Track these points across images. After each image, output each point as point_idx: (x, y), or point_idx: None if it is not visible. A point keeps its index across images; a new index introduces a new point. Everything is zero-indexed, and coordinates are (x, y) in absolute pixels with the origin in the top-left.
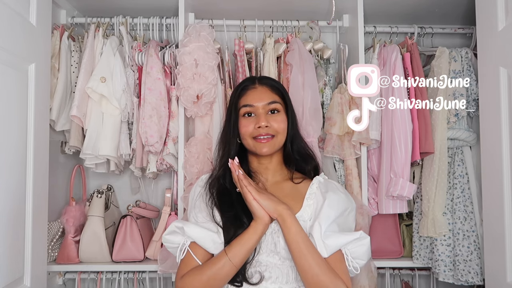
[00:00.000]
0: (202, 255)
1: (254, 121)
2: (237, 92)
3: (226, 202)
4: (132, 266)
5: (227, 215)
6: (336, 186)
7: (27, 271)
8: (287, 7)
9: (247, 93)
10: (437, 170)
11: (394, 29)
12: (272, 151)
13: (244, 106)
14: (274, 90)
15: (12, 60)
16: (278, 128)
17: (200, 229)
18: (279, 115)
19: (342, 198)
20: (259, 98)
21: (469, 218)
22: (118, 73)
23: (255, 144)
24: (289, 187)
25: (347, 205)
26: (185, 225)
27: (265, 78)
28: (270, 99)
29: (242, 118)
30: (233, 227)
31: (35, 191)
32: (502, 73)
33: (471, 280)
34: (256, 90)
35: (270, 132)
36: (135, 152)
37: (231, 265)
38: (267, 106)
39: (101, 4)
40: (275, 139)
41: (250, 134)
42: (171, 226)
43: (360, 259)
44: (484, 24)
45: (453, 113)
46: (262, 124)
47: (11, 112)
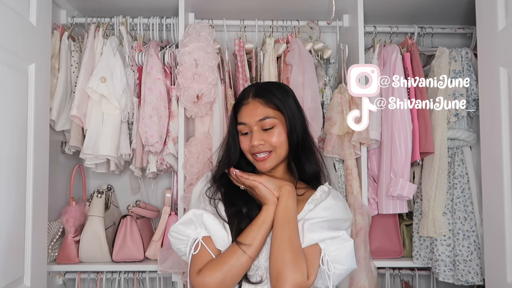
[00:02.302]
0: (214, 250)
1: (249, 138)
2: (234, 107)
3: (231, 197)
4: (132, 266)
5: (230, 211)
6: (338, 195)
7: (27, 271)
8: (287, 7)
9: (241, 109)
10: (437, 170)
11: (394, 29)
12: (274, 165)
13: (239, 124)
14: (268, 103)
15: (12, 60)
16: (276, 143)
17: (218, 222)
18: (274, 130)
19: (340, 205)
20: (250, 114)
21: (469, 218)
22: (118, 73)
23: (255, 161)
24: None
25: (342, 214)
26: (205, 213)
27: (261, 91)
28: (262, 115)
29: (241, 135)
30: (236, 220)
31: (35, 191)
32: (502, 73)
33: (471, 280)
34: (249, 106)
35: (266, 149)
36: (135, 152)
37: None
38: (260, 123)
39: (101, 4)
40: (274, 154)
41: (248, 150)
42: (188, 214)
43: (340, 263)
44: (484, 24)
45: (453, 113)
46: (255, 144)
47: (11, 112)
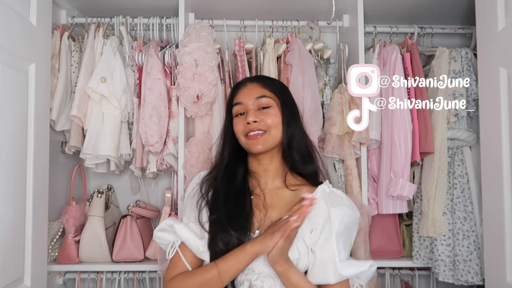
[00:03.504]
0: (191, 258)
1: (244, 118)
2: (230, 93)
3: (215, 203)
4: (132, 266)
5: (212, 219)
6: (341, 198)
7: (27, 271)
8: (287, 7)
9: (238, 92)
10: (437, 170)
11: (394, 29)
12: (266, 147)
13: (235, 105)
14: (266, 85)
15: (12, 60)
16: (271, 123)
17: (189, 231)
18: (271, 109)
19: (347, 212)
20: (248, 94)
21: (469, 218)
22: (118, 73)
23: (247, 142)
24: (289, 194)
25: (352, 219)
26: (176, 224)
27: (259, 76)
28: (259, 93)
29: (235, 117)
30: (215, 230)
31: (35, 191)
32: (502, 73)
33: (471, 280)
34: (246, 87)
35: (261, 127)
36: (135, 152)
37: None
38: (257, 102)
39: (101, 4)
40: (268, 134)
41: (242, 131)
42: (162, 224)
43: (361, 280)
44: (484, 24)
45: (453, 113)
46: (250, 120)
47: (11, 112)
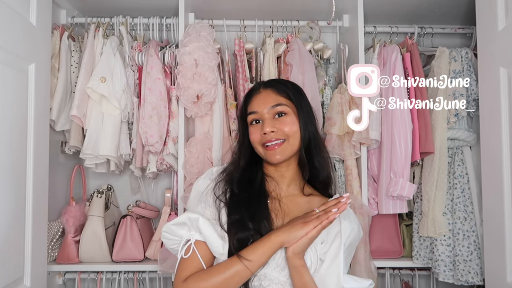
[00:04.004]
0: (207, 257)
1: (261, 127)
2: (244, 100)
3: (235, 204)
4: (132, 266)
5: (234, 219)
6: (352, 215)
7: (27, 271)
8: (287, 7)
9: (252, 100)
10: (437, 170)
11: (394, 29)
12: (285, 157)
13: (250, 114)
14: (281, 92)
15: (12, 60)
16: (289, 131)
17: (213, 229)
18: (287, 117)
19: (354, 229)
20: (262, 102)
21: (469, 218)
22: (118, 73)
23: (265, 152)
24: (304, 203)
25: (357, 238)
26: (201, 218)
27: (271, 81)
28: (274, 102)
29: (250, 126)
30: (236, 229)
31: (35, 191)
32: (502, 73)
33: (471, 280)
34: (260, 95)
35: (279, 137)
36: (135, 152)
37: (245, 274)
38: (272, 110)
39: (101, 4)
40: (287, 143)
41: (259, 141)
42: (182, 216)
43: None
44: (484, 24)
45: (453, 113)
46: (267, 130)
47: (11, 112)
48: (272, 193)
